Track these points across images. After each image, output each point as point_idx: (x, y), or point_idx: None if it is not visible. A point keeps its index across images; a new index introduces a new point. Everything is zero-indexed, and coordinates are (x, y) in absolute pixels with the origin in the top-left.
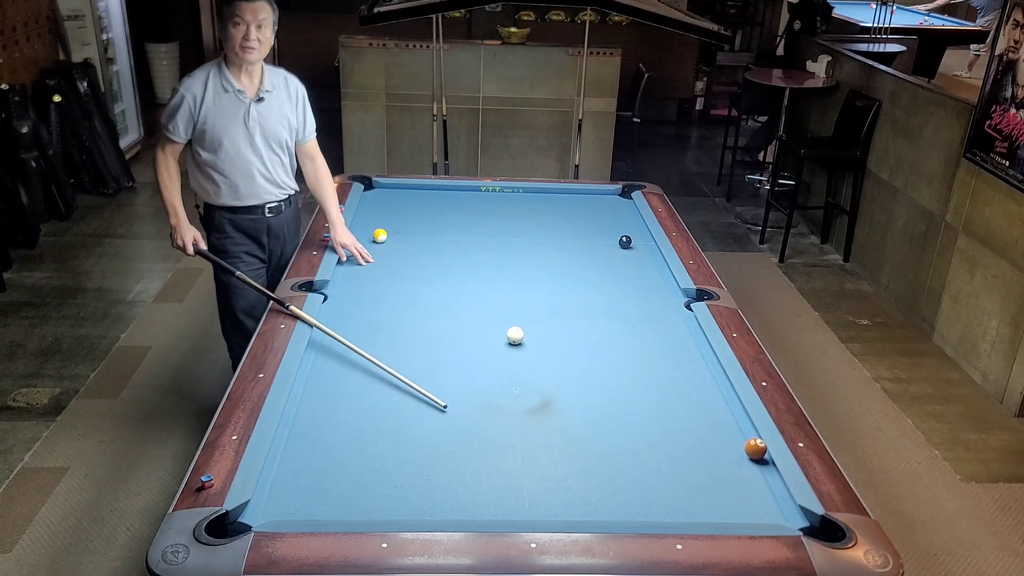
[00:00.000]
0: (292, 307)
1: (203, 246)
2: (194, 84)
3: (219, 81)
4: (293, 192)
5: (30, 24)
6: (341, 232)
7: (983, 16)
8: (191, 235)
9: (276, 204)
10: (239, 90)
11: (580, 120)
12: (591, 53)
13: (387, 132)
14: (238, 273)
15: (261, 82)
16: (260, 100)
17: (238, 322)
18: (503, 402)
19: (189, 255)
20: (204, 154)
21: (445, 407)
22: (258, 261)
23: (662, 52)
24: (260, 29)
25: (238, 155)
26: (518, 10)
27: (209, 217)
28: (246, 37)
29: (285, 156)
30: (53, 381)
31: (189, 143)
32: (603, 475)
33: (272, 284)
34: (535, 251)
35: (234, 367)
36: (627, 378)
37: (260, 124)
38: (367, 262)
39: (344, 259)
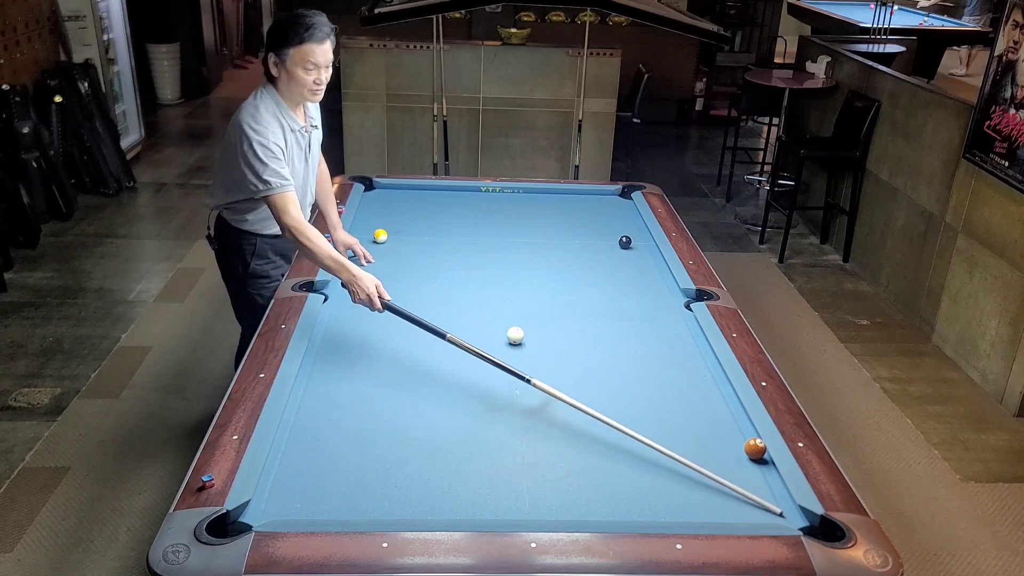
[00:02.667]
0: (450, 335)
1: (386, 295)
2: (276, 130)
3: (286, 121)
4: None
5: (31, 24)
6: (343, 232)
7: (969, 14)
8: (374, 284)
9: None
10: (302, 127)
11: (580, 121)
12: (591, 54)
13: (387, 133)
14: (449, 335)
15: (305, 109)
16: (314, 127)
17: (260, 309)
18: (503, 402)
19: (376, 310)
20: None
21: (781, 514)
22: (282, 278)
23: (662, 52)
24: (327, 68)
25: (298, 189)
26: (518, 11)
27: (236, 244)
28: (317, 81)
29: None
30: (54, 381)
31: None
32: (603, 475)
33: None
34: (535, 251)
35: (240, 354)
36: (627, 378)
37: (313, 153)
38: (368, 262)
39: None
